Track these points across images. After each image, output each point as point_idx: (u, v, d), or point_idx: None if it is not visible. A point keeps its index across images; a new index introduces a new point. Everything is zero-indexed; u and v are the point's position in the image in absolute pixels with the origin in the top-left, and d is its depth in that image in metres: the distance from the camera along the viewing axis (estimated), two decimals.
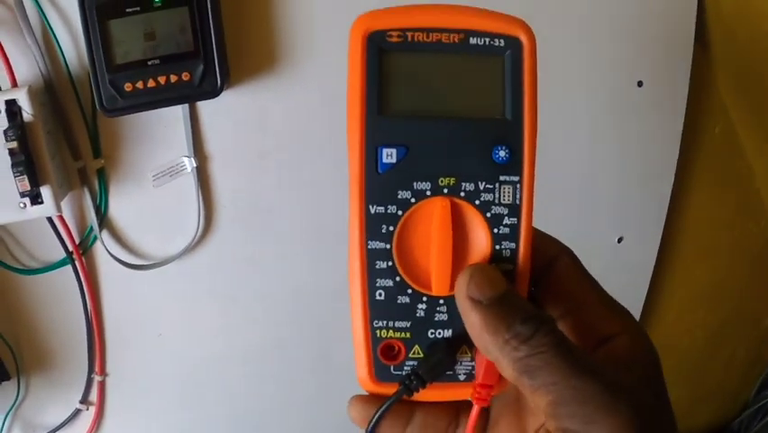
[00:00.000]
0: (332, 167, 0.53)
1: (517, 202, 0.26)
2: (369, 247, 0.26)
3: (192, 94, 0.46)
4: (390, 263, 0.26)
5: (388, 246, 0.26)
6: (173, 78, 0.45)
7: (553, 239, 0.28)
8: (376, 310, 0.26)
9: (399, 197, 0.25)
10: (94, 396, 0.55)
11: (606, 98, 0.61)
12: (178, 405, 0.58)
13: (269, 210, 0.54)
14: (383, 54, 0.25)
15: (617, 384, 0.22)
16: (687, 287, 0.77)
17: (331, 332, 0.59)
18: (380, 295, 0.26)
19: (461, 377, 0.26)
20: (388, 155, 0.25)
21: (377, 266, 0.26)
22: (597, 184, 0.64)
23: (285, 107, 0.52)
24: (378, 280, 0.26)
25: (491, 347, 0.23)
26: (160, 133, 0.50)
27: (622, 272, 0.67)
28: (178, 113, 0.49)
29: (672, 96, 0.64)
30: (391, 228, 0.26)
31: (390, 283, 0.26)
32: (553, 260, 0.27)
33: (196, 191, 0.52)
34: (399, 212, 0.25)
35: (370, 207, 0.25)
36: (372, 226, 0.25)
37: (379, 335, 0.26)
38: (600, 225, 0.65)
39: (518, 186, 0.26)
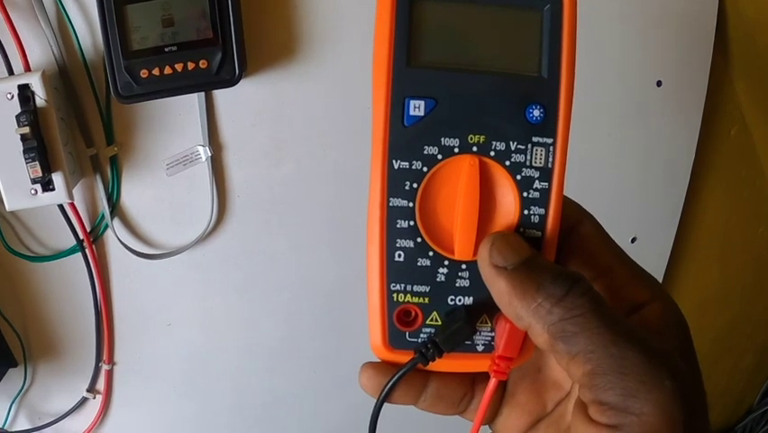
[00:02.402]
0: (349, 159, 0.53)
1: (549, 166, 0.24)
2: (390, 204, 0.24)
3: (209, 82, 0.45)
4: (412, 223, 0.24)
5: (410, 204, 0.24)
6: (190, 66, 0.44)
7: (575, 203, 0.27)
8: (394, 272, 0.25)
9: (425, 152, 0.24)
10: (101, 385, 0.55)
11: (625, 97, 0.61)
12: (186, 395, 0.58)
13: (283, 202, 0.54)
14: (414, 1, 0.24)
15: (659, 354, 0.21)
16: (697, 289, 0.76)
17: (342, 326, 0.58)
18: (399, 256, 0.24)
19: (480, 348, 0.25)
20: (416, 107, 0.24)
21: (398, 225, 0.24)
22: (613, 183, 0.63)
23: (302, 98, 0.51)
24: (398, 240, 0.24)
25: (522, 313, 0.22)
26: (174, 121, 0.49)
27: None
28: (194, 101, 0.49)
29: (691, 97, 0.63)
30: (415, 185, 0.24)
31: (411, 244, 0.24)
32: (575, 224, 0.26)
33: (210, 181, 0.51)
34: (425, 168, 0.24)
35: (394, 161, 0.24)
36: (395, 183, 0.24)
37: (395, 298, 0.25)
38: (615, 225, 0.64)
39: (551, 149, 0.24)
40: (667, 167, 0.65)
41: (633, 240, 0.66)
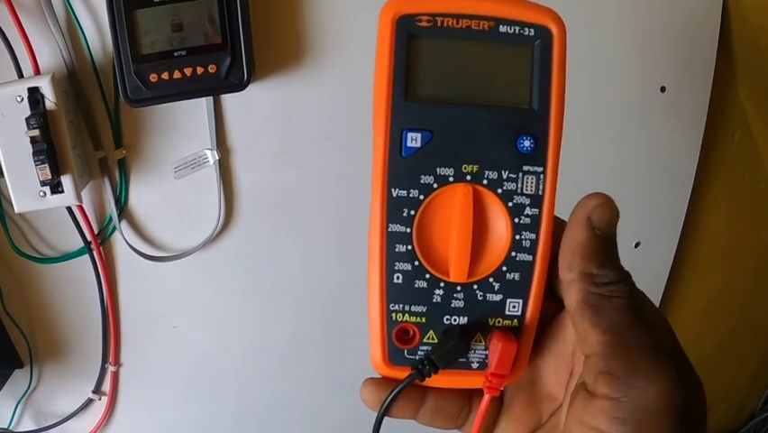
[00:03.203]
0: (355, 163, 0.53)
1: (540, 193, 0.26)
2: (389, 230, 0.26)
3: (218, 86, 0.45)
4: (410, 247, 0.26)
5: (408, 230, 0.26)
6: (199, 70, 0.44)
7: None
8: (393, 293, 0.26)
9: (422, 181, 0.25)
10: (107, 386, 0.55)
11: (628, 103, 0.61)
12: (191, 397, 0.58)
13: (290, 205, 0.54)
14: (412, 39, 0.25)
15: (668, 346, 0.23)
16: (700, 294, 0.76)
17: (347, 329, 0.58)
18: (398, 278, 0.26)
19: (474, 365, 0.27)
20: (413, 139, 0.25)
21: (396, 249, 0.26)
22: (616, 188, 0.63)
23: (309, 102, 0.51)
24: (396, 263, 0.26)
25: (576, 269, 0.24)
26: (182, 124, 0.50)
27: (638, 278, 0.66)
28: (202, 104, 0.49)
29: (694, 102, 0.63)
30: (412, 212, 0.26)
31: (409, 267, 0.26)
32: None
33: (218, 184, 0.51)
34: (421, 196, 0.25)
35: (393, 190, 0.25)
36: (394, 210, 0.26)
37: (394, 318, 0.26)
38: (618, 230, 0.65)
39: (542, 176, 0.26)
40: (670, 172, 0.66)
41: (636, 245, 0.66)
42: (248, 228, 0.54)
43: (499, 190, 0.25)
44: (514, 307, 0.26)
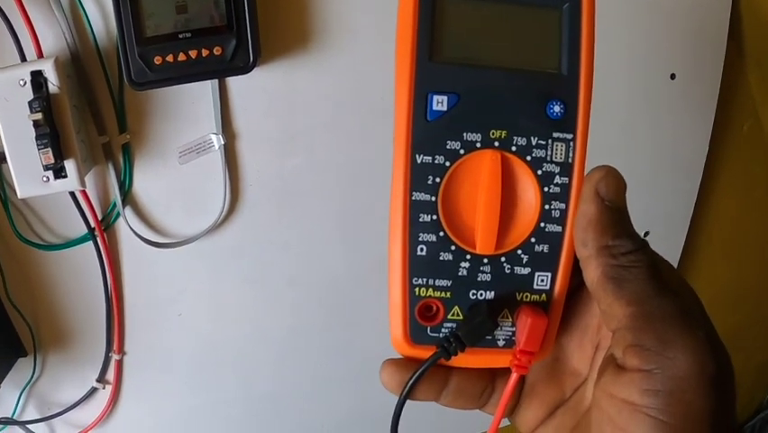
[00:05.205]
0: (361, 150, 0.52)
1: (570, 161, 0.25)
2: (413, 199, 0.24)
3: (223, 69, 0.45)
4: (435, 217, 0.25)
5: (433, 199, 0.24)
6: (204, 53, 0.44)
7: None
8: (416, 267, 0.25)
9: (448, 147, 0.24)
10: (111, 375, 0.55)
11: (639, 90, 0.61)
12: (196, 386, 0.58)
13: (296, 192, 0.53)
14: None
15: (695, 311, 0.23)
16: (709, 286, 0.76)
17: (352, 318, 0.58)
18: (422, 250, 0.25)
19: (501, 343, 0.25)
20: (439, 102, 0.24)
21: (420, 219, 0.24)
22: (626, 177, 0.62)
23: (316, 87, 0.51)
24: (420, 234, 0.25)
25: (591, 244, 0.23)
26: (187, 109, 0.49)
27: None
28: (207, 89, 0.48)
29: (704, 91, 0.63)
30: (438, 180, 0.24)
31: (433, 238, 0.25)
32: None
33: (223, 169, 0.51)
34: (447, 163, 0.24)
35: (417, 156, 0.24)
36: (418, 177, 0.24)
37: (417, 293, 0.25)
38: None
39: (571, 144, 0.25)
40: (680, 161, 0.65)
41: (645, 234, 0.66)
42: (253, 215, 0.53)
43: (528, 157, 0.24)
44: (542, 280, 0.25)
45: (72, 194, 0.48)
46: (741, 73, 0.65)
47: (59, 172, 0.44)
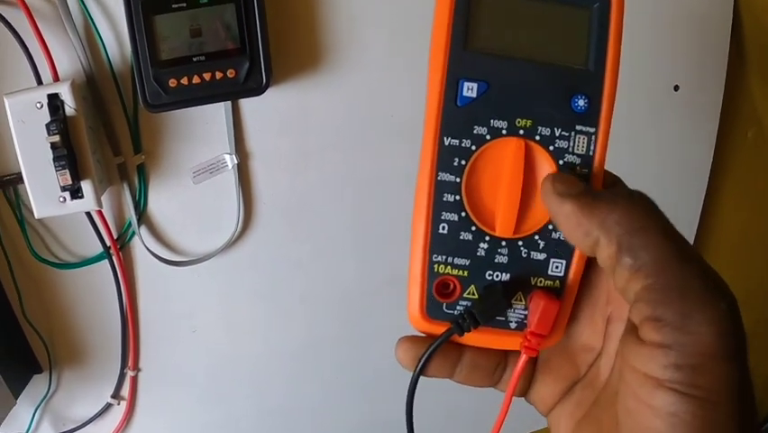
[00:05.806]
0: (373, 168, 0.53)
1: (591, 153, 0.26)
2: (438, 179, 0.26)
3: (237, 91, 0.45)
4: (458, 198, 0.26)
5: (457, 180, 0.26)
6: (218, 75, 0.44)
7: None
8: (437, 244, 0.26)
9: (475, 132, 0.25)
10: (125, 391, 0.55)
11: (642, 102, 0.61)
12: (210, 402, 0.58)
13: (309, 210, 0.54)
14: None
15: (714, 276, 0.22)
16: None
17: (365, 333, 0.58)
18: (444, 229, 0.26)
19: (512, 325, 0.26)
20: (469, 89, 0.25)
21: (444, 199, 0.26)
22: (631, 187, 0.63)
23: (327, 107, 0.52)
24: (443, 213, 0.26)
25: (592, 227, 0.23)
26: (201, 129, 0.50)
27: None
28: (220, 109, 0.49)
29: (708, 100, 0.63)
30: (463, 162, 0.26)
31: (455, 218, 0.26)
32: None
33: (237, 189, 0.51)
34: (473, 147, 0.25)
35: (445, 138, 0.25)
36: (445, 158, 0.26)
37: (436, 269, 0.26)
38: None
39: (593, 137, 0.26)
40: (685, 170, 0.65)
41: None
42: (267, 232, 0.54)
43: (551, 147, 0.25)
44: (557, 267, 0.26)
45: (88, 213, 0.49)
46: (744, 82, 0.66)
47: (76, 193, 0.45)
